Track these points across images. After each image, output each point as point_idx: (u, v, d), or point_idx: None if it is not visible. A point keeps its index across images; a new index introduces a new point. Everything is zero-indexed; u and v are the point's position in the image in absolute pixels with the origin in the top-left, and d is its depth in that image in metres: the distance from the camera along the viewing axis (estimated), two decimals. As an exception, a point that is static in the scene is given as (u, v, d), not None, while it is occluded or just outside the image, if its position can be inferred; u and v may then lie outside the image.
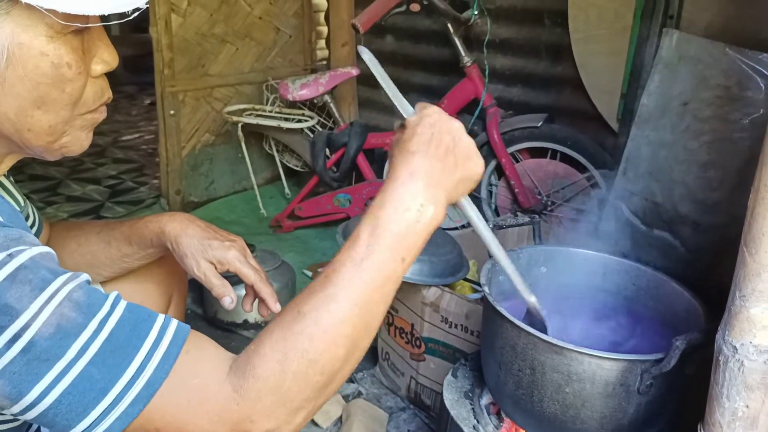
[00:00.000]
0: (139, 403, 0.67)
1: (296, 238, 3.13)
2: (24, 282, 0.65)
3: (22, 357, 0.64)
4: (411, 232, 0.76)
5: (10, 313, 0.63)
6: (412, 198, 0.76)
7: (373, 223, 0.75)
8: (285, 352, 0.70)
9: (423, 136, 0.79)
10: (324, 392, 0.73)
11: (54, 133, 0.76)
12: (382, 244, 0.74)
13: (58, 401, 0.65)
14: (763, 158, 0.84)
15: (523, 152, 2.67)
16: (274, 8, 3.51)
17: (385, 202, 0.76)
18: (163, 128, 3.28)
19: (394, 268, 0.75)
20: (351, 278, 0.73)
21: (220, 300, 1.10)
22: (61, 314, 0.66)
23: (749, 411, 0.90)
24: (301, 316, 0.72)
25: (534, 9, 2.67)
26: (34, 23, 0.67)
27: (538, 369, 1.19)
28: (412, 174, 0.77)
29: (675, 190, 2.09)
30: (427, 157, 0.78)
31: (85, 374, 0.66)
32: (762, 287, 0.85)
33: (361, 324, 0.74)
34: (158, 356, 0.69)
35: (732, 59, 1.92)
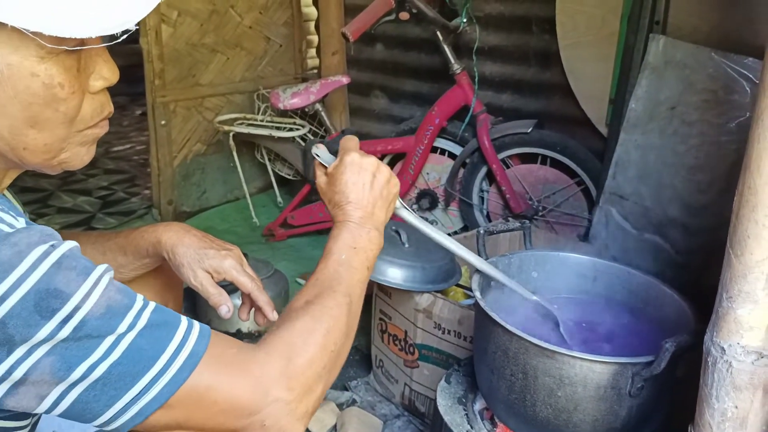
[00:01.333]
0: (186, 369, 0.73)
1: (289, 246, 3.13)
2: (69, 268, 0.68)
3: (74, 335, 0.67)
4: (367, 248, 0.98)
5: (60, 297, 0.66)
6: (359, 230, 0.98)
7: (339, 243, 0.96)
8: (306, 326, 0.84)
9: (349, 184, 0.99)
10: (332, 369, 0.86)
11: (51, 150, 0.76)
12: (349, 255, 0.96)
13: (108, 372, 0.69)
14: (747, 161, 0.85)
15: (514, 158, 2.68)
16: (264, 18, 3.52)
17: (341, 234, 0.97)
18: (155, 138, 3.28)
19: (362, 272, 0.97)
20: (335, 278, 0.93)
21: (217, 309, 1.10)
22: (109, 296, 0.70)
23: (738, 411, 0.91)
24: (310, 303, 0.87)
25: (522, 16, 2.69)
26: (24, 44, 0.66)
27: (530, 373, 1.20)
28: (351, 219, 0.98)
29: (664, 193, 2.11)
30: (359, 203, 0.98)
31: (135, 345, 0.70)
32: (748, 288, 0.86)
33: (353, 306, 0.91)
34: (196, 332, 0.76)
35: (718, 63, 1.94)
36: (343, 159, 1.00)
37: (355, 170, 0.99)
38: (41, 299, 0.65)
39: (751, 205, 0.84)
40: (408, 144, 2.87)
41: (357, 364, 2.21)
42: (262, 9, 3.50)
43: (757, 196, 0.83)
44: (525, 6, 2.68)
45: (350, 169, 0.99)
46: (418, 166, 2.87)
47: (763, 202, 0.82)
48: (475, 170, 2.72)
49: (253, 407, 0.76)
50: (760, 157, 0.82)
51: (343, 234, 0.97)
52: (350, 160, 0.99)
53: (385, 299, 1.95)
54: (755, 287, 0.86)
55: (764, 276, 0.85)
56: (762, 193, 0.82)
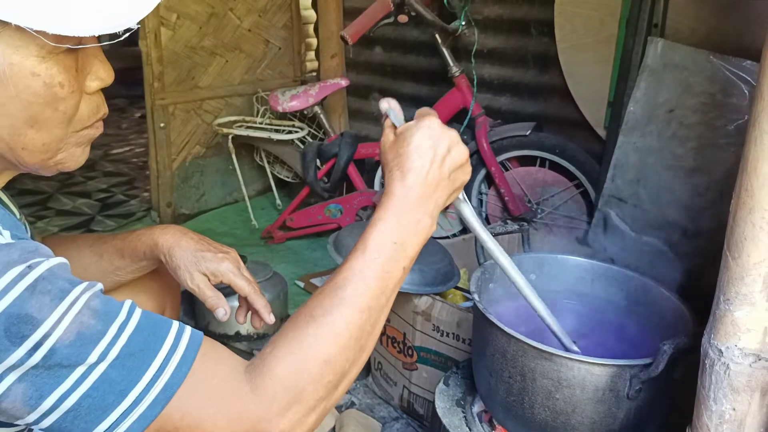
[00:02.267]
0: (159, 404, 0.69)
1: (288, 248, 3.13)
2: (44, 292, 0.66)
3: (44, 363, 0.65)
4: (410, 244, 0.83)
5: (31, 323, 0.65)
6: (410, 213, 0.83)
7: (378, 237, 0.82)
8: (300, 353, 0.75)
9: (419, 149, 0.84)
10: (334, 393, 0.78)
11: (48, 150, 0.76)
12: (386, 255, 0.81)
13: (78, 404, 0.66)
14: (743, 164, 0.86)
15: (513, 161, 2.69)
16: (263, 21, 3.53)
17: (387, 217, 0.82)
18: (154, 141, 3.29)
19: (397, 276, 0.83)
20: (359, 286, 0.79)
21: (214, 312, 1.10)
22: (81, 322, 0.67)
23: (736, 414, 0.91)
24: (314, 320, 0.77)
25: (521, 19, 2.70)
26: (25, 44, 0.67)
27: (529, 375, 1.20)
28: (408, 190, 0.83)
29: (663, 196, 2.11)
30: (422, 173, 0.84)
31: (106, 377, 0.67)
32: (745, 291, 0.86)
33: (368, 327, 0.80)
34: (176, 359, 0.71)
35: (716, 66, 1.95)
36: (421, 120, 0.86)
37: (433, 136, 0.84)
38: (12, 324, 0.64)
39: (747, 208, 0.84)
40: (407, 146, 2.87)
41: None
42: (261, 12, 3.50)
43: (753, 199, 0.83)
44: (523, 9, 2.68)
45: (426, 134, 0.84)
46: (417, 168, 2.86)
47: (759, 205, 0.83)
48: (474, 173, 2.72)
49: None
50: (757, 160, 0.82)
51: (389, 218, 0.82)
52: (429, 124, 0.85)
53: (383, 302, 1.95)
54: (752, 289, 0.86)
55: (761, 278, 0.85)
56: (759, 195, 0.82)
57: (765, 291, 0.86)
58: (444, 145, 0.85)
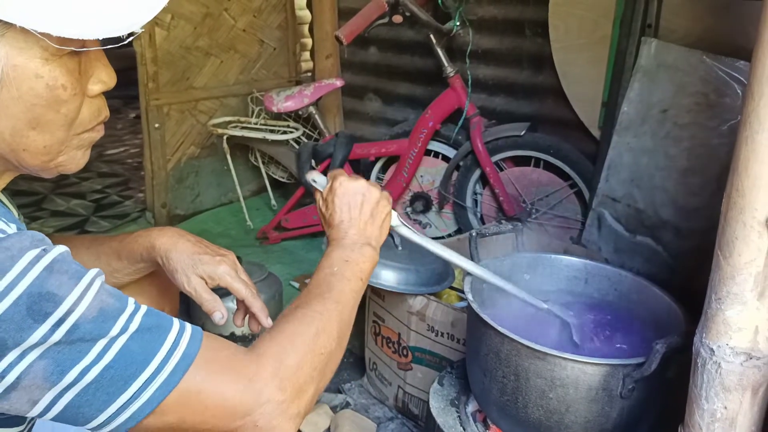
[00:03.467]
0: (178, 372, 0.73)
1: (283, 249, 3.13)
2: (61, 272, 0.69)
3: (67, 339, 0.67)
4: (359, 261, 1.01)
5: (53, 300, 0.67)
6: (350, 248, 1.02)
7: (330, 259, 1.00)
8: (294, 329, 0.85)
9: (338, 207, 1.05)
10: (324, 372, 0.87)
11: (50, 153, 0.76)
12: (341, 268, 0.99)
13: (100, 375, 0.69)
14: (735, 164, 0.86)
15: (507, 161, 2.69)
16: (258, 21, 3.52)
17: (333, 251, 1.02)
18: (148, 141, 3.28)
19: (356, 283, 0.99)
20: (326, 288, 0.95)
21: (211, 315, 1.09)
22: (102, 299, 0.70)
23: (727, 412, 0.92)
24: (299, 308, 0.90)
25: (515, 20, 2.70)
26: (29, 46, 0.68)
27: (522, 375, 1.21)
28: (343, 236, 1.03)
29: (657, 196, 2.12)
30: (347, 224, 1.04)
31: (127, 349, 0.71)
32: (736, 290, 0.87)
33: (343, 316, 0.93)
34: (187, 336, 0.76)
35: (709, 66, 1.95)
36: (332, 184, 1.06)
37: (344, 192, 1.05)
38: (34, 303, 0.65)
39: (738, 207, 0.84)
40: (402, 147, 2.88)
41: (351, 367, 2.21)
42: (256, 12, 3.50)
43: (744, 199, 0.84)
44: (518, 9, 2.69)
45: (340, 191, 1.05)
46: (412, 168, 2.87)
47: (750, 204, 0.83)
48: (469, 173, 2.73)
49: (245, 408, 0.77)
50: (748, 160, 0.83)
51: (336, 250, 1.01)
52: (338, 184, 1.06)
53: (378, 302, 1.95)
54: (743, 288, 0.87)
55: (752, 277, 0.86)
56: (749, 195, 0.83)
57: (756, 290, 0.86)
58: (358, 194, 1.05)
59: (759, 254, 0.84)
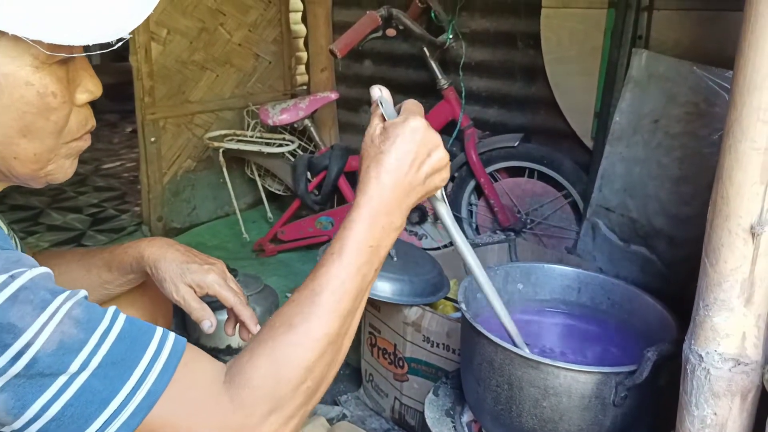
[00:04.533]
0: (140, 413, 0.70)
1: (279, 261, 3.14)
2: (25, 302, 0.67)
3: (26, 372, 0.65)
4: (384, 245, 0.84)
5: (13, 332, 0.65)
6: (384, 215, 0.83)
7: (353, 240, 0.82)
8: (278, 361, 0.75)
9: (400, 150, 0.83)
10: (313, 399, 0.79)
11: (39, 161, 0.77)
12: (362, 259, 0.81)
13: (60, 413, 0.67)
14: (719, 172, 0.87)
15: (501, 172, 2.71)
16: (253, 35, 3.55)
17: (362, 219, 0.82)
18: (144, 155, 3.29)
19: (370, 278, 0.83)
20: (336, 291, 0.79)
21: (200, 324, 1.09)
22: (63, 331, 0.67)
23: (717, 418, 0.93)
24: (292, 327, 0.77)
25: (507, 32, 2.73)
26: (19, 54, 0.69)
27: (516, 384, 1.21)
28: (383, 190, 0.83)
29: (649, 205, 2.14)
30: (398, 175, 0.83)
31: (88, 386, 0.68)
32: (723, 296, 0.88)
33: (343, 331, 0.80)
34: (158, 367, 0.71)
35: (699, 77, 1.98)
36: (408, 120, 0.84)
37: (415, 138, 0.83)
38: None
39: (724, 215, 0.86)
40: (397, 159, 2.89)
41: (347, 379, 2.21)
42: (251, 27, 3.52)
43: (729, 206, 0.85)
44: (510, 22, 2.71)
45: (410, 135, 0.83)
46: (407, 180, 2.88)
47: (735, 212, 0.84)
48: (464, 184, 2.74)
49: None
50: (732, 168, 0.84)
51: (363, 221, 0.82)
52: (416, 126, 0.84)
53: (374, 313, 1.96)
54: (730, 295, 0.88)
55: (738, 284, 0.87)
56: (734, 202, 0.84)
57: (742, 296, 0.87)
58: (425, 149, 0.84)
59: (744, 261, 0.86)
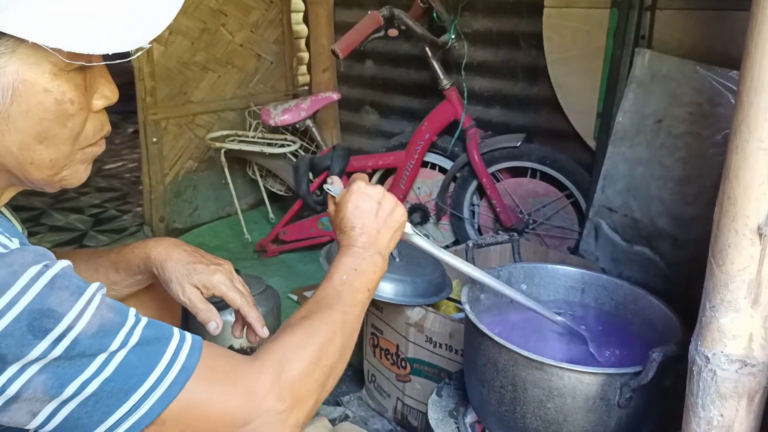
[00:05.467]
0: (178, 384, 0.74)
1: (281, 262, 3.13)
2: (62, 288, 0.70)
3: (66, 354, 0.68)
4: (369, 271, 1.01)
5: (54, 317, 0.67)
6: (361, 256, 1.01)
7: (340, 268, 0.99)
8: (299, 340, 0.86)
9: (354, 211, 1.03)
10: (326, 384, 0.88)
11: (55, 166, 0.78)
12: (351, 277, 0.98)
13: (100, 389, 0.70)
14: (726, 172, 0.87)
15: (504, 172, 2.70)
16: (255, 36, 3.55)
17: (344, 259, 1.00)
18: (146, 156, 3.29)
19: (364, 293, 1.00)
20: (336, 298, 0.95)
21: (206, 325, 1.09)
22: (102, 315, 0.71)
23: (724, 420, 0.92)
24: (307, 319, 0.90)
25: (509, 32, 2.72)
26: (38, 61, 0.70)
27: (520, 385, 1.21)
28: (355, 242, 1.02)
29: (652, 205, 2.13)
30: (361, 228, 1.02)
31: (126, 362, 0.72)
32: (730, 297, 0.88)
33: (348, 327, 0.93)
34: (187, 347, 0.77)
35: (703, 77, 1.97)
36: (350, 187, 1.05)
37: (360, 197, 1.03)
38: (34, 319, 0.67)
39: (730, 216, 0.85)
40: (398, 159, 2.89)
41: (349, 379, 2.21)
42: (253, 27, 3.52)
43: (736, 207, 0.84)
44: (512, 22, 2.71)
45: (356, 197, 1.03)
46: (409, 180, 2.88)
47: (742, 212, 0.84)
48: (466, 184, 2.74)
49: (244, 418, 0.78)
50: (739, 168, 0.84)
51: (346, 258, 1.00)
52: (356, 188, 1.04)
53: (376, 314, 1.95)
54: (737, 296, 0.87)
55: (745, 285, 0.87)
56: (741, 203, 0.84)
57: (749, 297, 0.87)
58: (374, 200, 1.03)
59: (752, 261, 0.85)
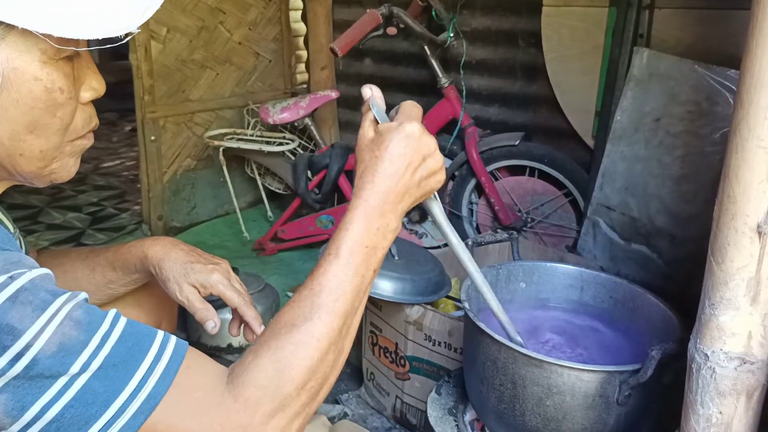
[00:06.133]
0: (142, 414, 0.69)
1: (280, 260, 3.13)
2: (25, 303, 0.66)
3: (26, 374, 0.65)
4: (380, 246, 0.85)
5: (12, 333, 0.65)
6: (379, 218, 0.84)
7: (350, 241, 0.82)
8: (283, 361, 0.75)
9: (395, 156, 0.83)
10: (317, 398, 0.79)
11: (45, 158, 0.78)
12: (359, 259, 0.82)
13: (60, 414, 0.66)
14: (725, 171, 0.87)
15: (502, 170, 2.71)
16: (253, 34, 3.54)
17: (357, 221, 0.83)
18: (144, 154, 3.29)
19: (369, 278, 0.84)
20: (335, 291, 0.80)
21: (203, 324, 1.08)
22: (63, 333, 0.67)
23: (723, 417, 0.93)
24: (295, 327, 0.78)
25: (508, 30, 2.73)
26: (28, 49, 0.69)
27: (519, 383, 1.21)
28: (378, 195, 0.84)
29: (651, 204, 2.14)
30: (393, 180, 0.84)
31: (88, 388, 0.67)
32: (729, 295, 0.88)
33: (345, 331, 0.81)
34: (160, 369, 0.71)
35: (701, 75, 1.97)
36: (402, 125, 0.84)
37: (409, 144, 0.84)
38: None
39: (730, 214, 0.86)
40: (397, 157, 2.89)
41: (348, 377, 2.21)
42: (251, 25, 3.52)
43: (736, 205, 0.85)
44: (511, 20, 2.71)
45: (405, 141, 0.83)
46: (408, 179, 2.88)
47: (741, 210, 0.84)
48: (464, 183, 2.74)
49: None
50: (738, 167, 0.84)
51: (358, 223, 0.82)
52: (410, 131, 0.84)
53: (375, 312, 1.96)
54: (736, 294, 0.88)
55: (745, 283, 0.87)
56: (740, 201, 0.84)
57: (749, 295, 0.87)
58: (420, 154, 0.84)
59: (751, 259, 0.85)
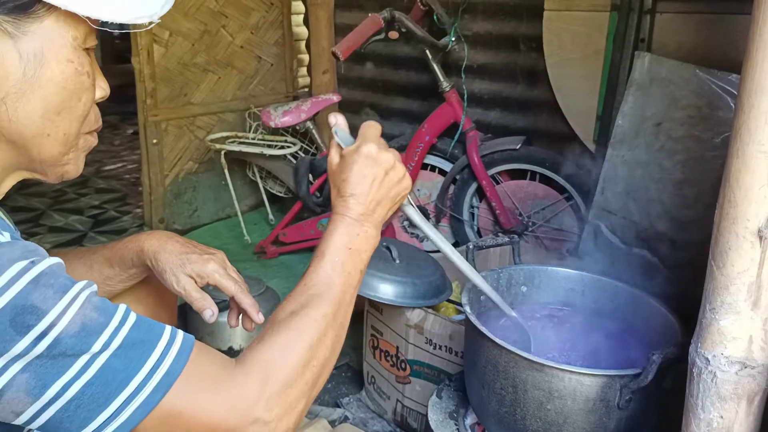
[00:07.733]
0: (160, 390, 0.72)
1: (281, 263, 3.13)
2: (47, 285, 0.69)
3: (48, 353, 0.67)
4: (362, 249, 0.94)
5: (36, 313, 0.67)
6: (356, 228, 0.93)
7: (332, 245, 0.92)
8: (287, 341, 0.82)
9: (359, 176, 0.93)
10: (316, 384, 0.85)
11: (67, 143, 0.81)
12: (344, 258, 0.92)
13: (81, 392, 0.69)
14: (726, 175, 0.87)
15: (503, 174, 2.71)
16: (255, 37, 3.55)
17: (337, 231, 0.93)
18: (146, 157, 3.29)
19: (356, 276, 0.93)
20: (327, 284, 0.89)
21: (201, 313, 1.09)
22: (84, 314, 0.70)
23: (724, 421, 0.93)
24: (295, 314, 0.85)
25: (509, 35, 2.73)
26: (63, 33, 0.75)
27: (520, 387, 1.21)
28: (351, 211, 0.93)
29: (652, 208, 2.14)
30: (362, 197, 0.93)
31: (108, 366, 0.70)
32: (730, 299, 0.88)
33: (339, 319, 0.89)
34: (175, 349, 0.75)
35: (702, 80, 1.98)
36: (359, 148, 0.93)
37: (369, 163, 0.93)
38: (17, 315, 0.66)
39: (731, 218, 0.86)
40: (398, 161, 2.89)
41: (349, 381, 2.21)
42: (253, 29, 3.53)
43: (736, 209, 0.85)
44: (512, 25, 2.72)
45: (364, 161, 0.93)
46: (409, 182, 2.88)
47: (742, 215, 0.84)
48: (465, 186, 2.74)
49: (230, 429, 0.76)
50: (739, 171, 0.84)
51: (339, 231, 0.92)
52: (366, 152, 0.93)
53: (376, 315, 1.96)
54: (737, 298, 0.88)
55: (746, 287, 0.87)
56: (741, 205, 0.84)
57: (749, 300, 0.87)
58: (381, 169, 0.93)
59: (752, 264, 0.86)
